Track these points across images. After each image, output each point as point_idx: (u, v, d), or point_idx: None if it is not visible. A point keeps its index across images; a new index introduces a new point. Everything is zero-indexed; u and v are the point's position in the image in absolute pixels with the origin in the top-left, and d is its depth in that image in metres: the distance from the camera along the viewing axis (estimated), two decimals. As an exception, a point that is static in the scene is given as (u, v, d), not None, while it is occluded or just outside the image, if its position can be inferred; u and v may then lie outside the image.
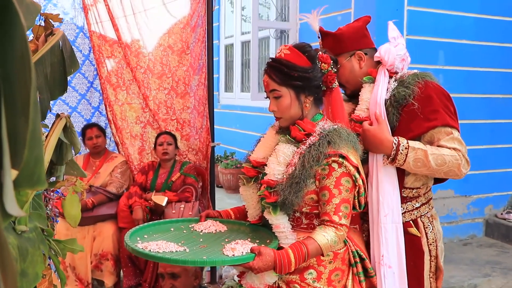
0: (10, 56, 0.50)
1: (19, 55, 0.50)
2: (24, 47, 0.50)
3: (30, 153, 0.51)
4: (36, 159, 0.52)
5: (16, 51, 0.50)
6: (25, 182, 0.51)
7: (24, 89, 0.50)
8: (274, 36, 6.89)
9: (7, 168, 0.48)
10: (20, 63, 0.51)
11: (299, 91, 1.99)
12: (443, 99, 2.17)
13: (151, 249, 1.86)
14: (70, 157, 1.53)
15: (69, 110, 4.53)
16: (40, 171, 0.53)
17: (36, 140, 0.51)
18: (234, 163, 6.93)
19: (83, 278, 4.05)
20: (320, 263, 1.95)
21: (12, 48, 0.50)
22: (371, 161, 2.19)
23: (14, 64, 0.50)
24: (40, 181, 0.53)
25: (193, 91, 4.50)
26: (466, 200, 4.96)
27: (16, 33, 0.50)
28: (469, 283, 3.90)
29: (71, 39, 4.40)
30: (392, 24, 2.32)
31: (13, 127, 0.50)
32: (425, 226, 2.24)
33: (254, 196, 2.07)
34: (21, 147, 0.50)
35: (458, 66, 4.75)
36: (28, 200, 0.97)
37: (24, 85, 0.50)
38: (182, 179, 4.20)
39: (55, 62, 1.58)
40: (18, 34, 0.50)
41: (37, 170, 0.52)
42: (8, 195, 0.48)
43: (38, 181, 0.53)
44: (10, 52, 0.50)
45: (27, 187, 0.52)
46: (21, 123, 0.50)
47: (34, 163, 0.52)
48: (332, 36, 2.33)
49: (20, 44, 0.50)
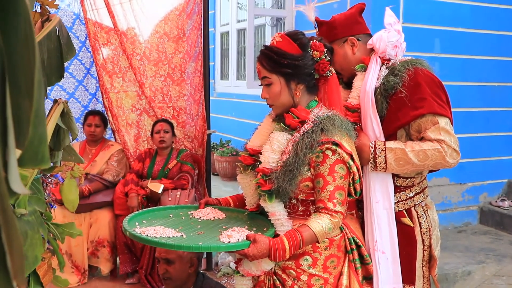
0: (14, 37, 0.51)
1: (23, 36, 0.51)
2: (28, 28, 0.51)
3: (34, 132, 0.51)
4: (40, 138, 0.52)
5: (20, 32, 0.51)
6: (29, 161, 0.52)
7: (28, 69, 0.51)
8: (270, 24, 6.86)
9: (12, 147, 0.49)
10: (24, 44, 0.51)
11: (289, 79, 1.99)
12: (433, 87, 2.15)
13: (148, 234, 1.88)
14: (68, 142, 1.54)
15: (66, 96, 4.54)
16: (44, 150, 0.53)
17: (40, 119, 0.52)
18: (230, 151, 6.94)
19: (80, 265, 4.07)
20: (316, 249, 1.96)
21: (17, 29, 0.51)
22: None
23: (18, 44, 0.51)
24: (44, 160, 0.54)
25: (189, 79, 4.50)
26: (461, 188, 4.99)
27: (20, 14, 0.51)
28: (463, 269, 3.93)
29: (68, 26, 4.39)
30: (389, 10, 2.31)
31: (17, 107, 0.51)
32: (419, 216, 2.26)
33: (251, 184, 2.07)
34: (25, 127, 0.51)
35: (454, 54, 4.75)
36: (28, 184, 0.98)
37: (28, 65, 0.51)
38: (179, 166, 4.21)
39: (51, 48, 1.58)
40: (22, 15, 0.51)
41: (41, 149, 0.53)
42: (13, 173, 0.48)
43: (42, 160, 0.54)
44: (14, 33, 0.51)
45: (31, 165, 0.53)
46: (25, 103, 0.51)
47: (38, 142, 0.52)
48: (326, 24, 2.34)
49: (24, 25, 0.51)
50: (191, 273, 2.64)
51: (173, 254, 2.58)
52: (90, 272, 4.15)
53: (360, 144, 2.12)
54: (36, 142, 0.52)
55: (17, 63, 0.51)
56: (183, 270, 2.59)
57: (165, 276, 2.57)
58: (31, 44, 0.51)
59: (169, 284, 2.58)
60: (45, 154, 0.53)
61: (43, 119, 0.53)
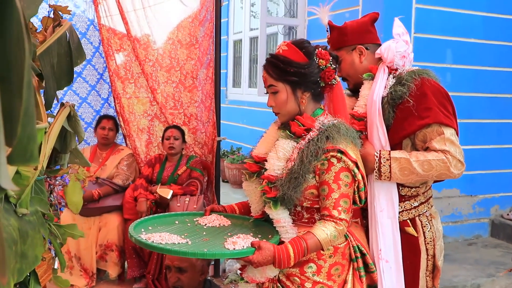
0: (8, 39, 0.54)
1: (15, 38, 0.54)
2: (20, 30, 0.54)
3: (23, 131, 0.53)
4: (29, 137, 0.54)
5: (13, 34, 0.54)
6: (18, 158, 0.54)
7: (19, 70, 0.54)
8: (282, 32, 6.89)
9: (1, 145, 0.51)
10: (16, 45, 0.54)
11: (295, 87, 2.00)
12: (439, 97, 2.16)
13: (154, 240, 1.89)
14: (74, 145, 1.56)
15: (79, 101, 4.59)
16: (32, 148, 0.55)
17: (29, 118, 0.54)
18: (240, 158, 6.95)
19: (88, 268, 4.10)
20: (320, 257, 1.97)
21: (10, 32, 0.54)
22: None
23: (11, 46, 0.54)
24: (32, 158, 0.55)
25: (200, 85, 4.53)
26: (471, 199, 4.95)
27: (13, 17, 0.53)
28: (472, 282, 3.89)
29: (82, 31, 4.45)
30: (397, 20, 2.32)
31: (9, 106, 0.53)
32: (423, 225, 2.25)
33: (257, 191, 2.09)
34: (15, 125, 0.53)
35: (465, 64, 4.73)
36: (29, 184, 0.99)
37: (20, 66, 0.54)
38: (188, 172, 4.23)
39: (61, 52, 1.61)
40: (14, 18, 0.53)
41: (30, 147, 0.55)
42: (2, 170, 0.50)
43: (30, 158, 0.55)
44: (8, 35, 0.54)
45: (20, 163, 0.55)
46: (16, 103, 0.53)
47: (27, 140, 0.54)
48: (337, 29, 2.35)
49: (16, 28, 0.54)
50: (201, 281, 2.65)
51: (186, 262, 2.58)
52: (98, 276, 4.17)
53: (365, 153, 2.12)
54: (25, 140, 0.54)
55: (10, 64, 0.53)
56: (195, 279, 2.60)
57: (177, 285, 2.57)
58: (22, 46, 0.54)
59: None
60: (33, 152, 0.55)
61: (32, 118, 0.55)
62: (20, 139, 0.53)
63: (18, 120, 0.53)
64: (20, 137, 0.53)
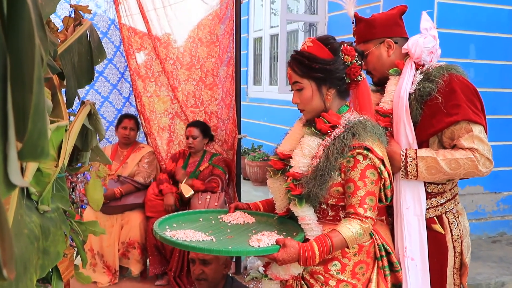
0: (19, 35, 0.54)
1: (26, 34, 0.54)
2: (31, 27, 0.54)
3: (33, 126, 0.54)
4: (39, 132, 0.54)
5: (24, 31, 0.55)
6: (29, 154, 0.54)
7: (31, 65, 0.54)
8: (303, 29, 6.86)
9: (12, 140, 0.51)
10: (27, 41, 0.54)
11: (321, 83, 1.98)
12: (468, 94, 2.12)
13: (178, 237, 1.89)
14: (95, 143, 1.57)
15: (101, 99, 4.63)
16: (43, 143, 0.55)
17: (40, 114, 0.54)
18: (261, 155, 6.95)
19: (111, 265, 4.13)
20: (345, 255, 1.95)
21: (21, 28, 0.54)
22: None
23: (23, 42, 0.54)
24: (43, 154, 0.55)
25: (221, 83, 4.54)
26: (495, 196, 4.88)
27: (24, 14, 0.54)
28: (496, 280, 3.84)
29: (104, 31, 4.48)
30: (425, 14, 2.27)
31: (22, 101, 0.54)
32: (450, 222, 2.22)
33: (281, 188, 2.08)
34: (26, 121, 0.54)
35: (489, 60, 4.65)
36: (50, 181, 1.00)
37: (31, 61, 0.54)
38: (210, 169, 4.24)
39: (82, 51, 1.62)
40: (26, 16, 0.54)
41: (41, 143, 0.55)
42: (12, 165, 0.51)
43: (41, 154, 0.55)
44: (19, 31, 0.54)
45: (31, 158, 0.55)
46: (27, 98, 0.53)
47: (37, 135, 0.54)
48: (364, 21, 2.31)
49: (27, 24, 0.54)
50: (224, 274, 2.65)
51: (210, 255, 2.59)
52: (120, 273, 4.20)
53: (390, 151, 2.10)
54: (35, 136, 0.54)
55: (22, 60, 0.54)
56: (219, 271, 2.60)
57: (201, 277, 2.57)
58: (32, 41, 0.54)
59: (203, 285, 2.58)
60: (44, 147, 0.55)
61: (42, 113, 0.55)
62: (30, 135, 0.53)
63: (28, 115, 0.53)
64: (31, 132, 0.53)
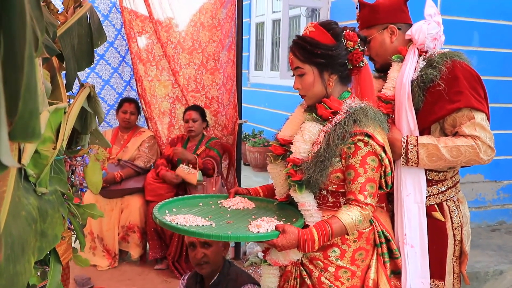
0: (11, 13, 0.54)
1: (18, 13, 0.54)
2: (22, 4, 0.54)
3: (24, 106, 0.53)
4: (30, 113, 0.54)
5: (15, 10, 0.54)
6: (20, 135, 0.54)
7: (22, 44, 0.53)
8: (305, 15, 6.81)
9: (3, 120, 0.51)
10: (19, 21, 0.54)
11: (322, 69, 1.97)
12: (471, 81, 2.10)
13: (178, 222, 1.89)
14: (94, 126, 1.56)
15: (102, 83, 4.61)
16: (34, 124, 0.55)
17: (31, 94, 0.54)
18: (262, 141, 6.94)
19: (111, 249, 4.15)
20: (344, 241, 1.95)
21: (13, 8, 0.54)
22: None
23: (15, 22, 0.54)
24: (35, 134, 0.55)
25: (222, 68, 4.51)
26: (496, 185, 4.87)
27: None
28: (495, 268, 3.84)
29: (105, 14, 4.45)
30: (430, 1, 2.24)
31: (13, 81, 0.53)
32: (451, 210, 2.21)
33: (282, 174, 2.07)
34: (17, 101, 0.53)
35: (493, 47, 4.62)
36: (48, 164, 0.99)
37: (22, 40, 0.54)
38: (206, 152, 4.23)
39: (82, 33, 1.60)
40: None
41: (32, 123, 0.54)
42: (2, 146, 0.50)
43: (33, 134, 0.55)
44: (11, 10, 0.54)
45: (21, 139, 0.54)
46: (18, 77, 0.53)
47: (28, 116, 0.54)
48: (368, 6, 2.29)
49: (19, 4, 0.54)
50: (224, 256, 2.65)
51: None
52: (120, 257, 4.22)
53: (391, 138, 2.09)
54: (26, 116, 0.53)
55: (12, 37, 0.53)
56: (219, 252, 2.59)
57: (203, 261, 2.54)
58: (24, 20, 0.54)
59: (205, 269, 2.56)
60: (35, 128, 0.54)
61: (34, 93, 0.54)
62: (21, 115, 0.53)
63: (19, 95, 0.52)
64: (22, 112, 0.53)
